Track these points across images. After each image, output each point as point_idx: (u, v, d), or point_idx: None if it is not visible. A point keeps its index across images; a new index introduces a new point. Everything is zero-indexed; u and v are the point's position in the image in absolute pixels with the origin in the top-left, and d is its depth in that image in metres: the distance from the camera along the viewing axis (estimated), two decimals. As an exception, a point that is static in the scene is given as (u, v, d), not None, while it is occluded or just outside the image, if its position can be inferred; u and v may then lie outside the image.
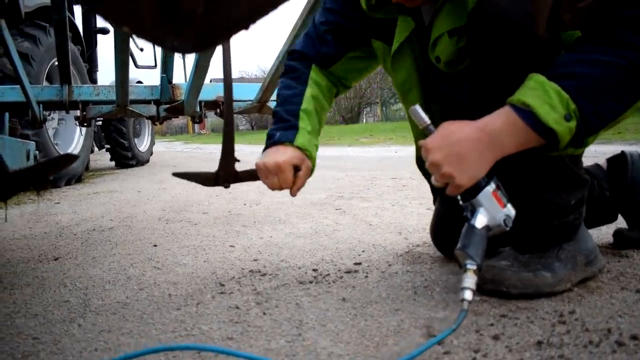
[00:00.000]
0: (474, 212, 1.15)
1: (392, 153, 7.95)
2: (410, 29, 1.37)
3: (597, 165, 1.68)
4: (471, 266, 1.09)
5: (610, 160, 1.67)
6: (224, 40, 0.60)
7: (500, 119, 1.10)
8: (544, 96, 1.06)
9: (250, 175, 1.47)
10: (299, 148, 1.47)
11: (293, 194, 1.49)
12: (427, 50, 1.34)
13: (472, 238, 1.12)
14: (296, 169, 1.45)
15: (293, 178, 1.45)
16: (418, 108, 1.18)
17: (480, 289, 1.29)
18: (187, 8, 0.52)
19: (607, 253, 1.59)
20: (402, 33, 1.39)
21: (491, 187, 1.14)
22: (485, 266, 1.29)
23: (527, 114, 1.07)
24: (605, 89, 1.07)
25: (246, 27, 0.57)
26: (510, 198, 1.17)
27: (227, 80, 1.32)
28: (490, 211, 1.14)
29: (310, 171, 1.51)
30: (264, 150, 1.51)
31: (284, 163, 1.42)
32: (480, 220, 1.14)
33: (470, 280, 1.07)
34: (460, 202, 1.18)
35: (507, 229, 1.15)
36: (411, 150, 1.67)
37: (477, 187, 1.14)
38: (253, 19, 0.56)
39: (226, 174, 1.42)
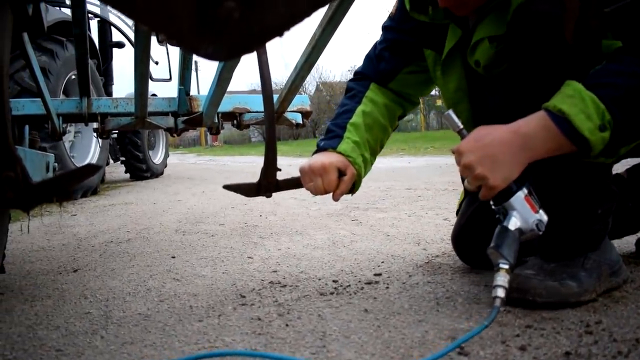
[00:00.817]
0: (506, 215, 1.16)
1: (405, 163, 7.93)
2: (458, 36, 1.37)
3: (617, 175, 1.66)
4: (504, 265, 1.10)
5: (630, 171, 1.65)
6: (258, 47, 0.60)
7: (534, 123, 1.11)
8: (581, 104, 1.07)
9: (292, 184, 1.47)
10: (341, 154, 1.46)
11: (335, 199, 1.47)
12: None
13: (505, 239, 1.13)
14: (341, 173, 1.45)
15: (337, 181, 1.45)
16: (451, 113, 1.22)
17: (506, 298, 1.28)
18: (223, 14, 0.52)
19: (630, 263, 1.57)
20: (451, 41, 1.40)
21: (523, 192, 1.15)
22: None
23: (562, 121, 1.08)
24: None
25: (280, 34, 0.57)
26: (542, 204, 1.18)
27: (267, 92, 1.32)
28: (523, 215, 1.15)
29: (357, 178, 1.49)
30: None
31: (329, 165, 1.42)
32: (514, 223, 1.15)
33: (502, 278, 1.09)
34: (493, 206, 1.18)
35: (540, 233, 1.15)
36: (423, 160, 1.66)
37: (510, 191, 1.15)
38: (287, 26, 0.56)
39: (268, 184, 1.43)
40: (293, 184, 1.48)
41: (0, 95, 1.07)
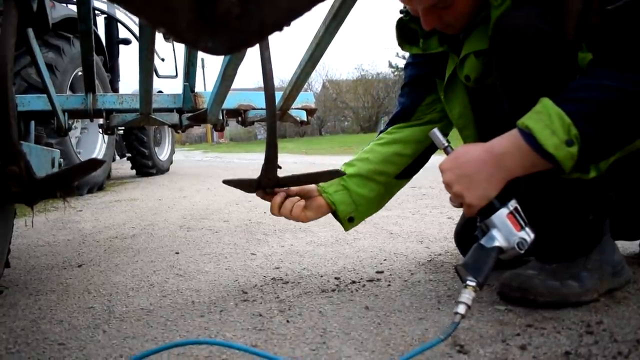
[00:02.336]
0: (486, 232, 1.15)
1: (411, 162, 7.90)
2: (456, 62, 1.38)
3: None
4: (471, 283, 1.08)
5: None
6: (257, 41, 0.60)
7: (507, 141, 1.11)
8: (547, 120, 1.06)
9: (292, 181, 1.48)
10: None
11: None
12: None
13: (477, 256, 1.13)
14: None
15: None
16: (436, 131, 1.23)
17: (507, 297, 1.28)
18: (222, 10, 0.52)
19: (633, 264, 1.57)
20: (451, 67, 1.41)
21: (507, 209, 1.13)
22: (512, 274, 1.28)
23: (529, 138, 1.07)
24: (612, 115, 1.06)
25: (280, 29, 0.57)
26: (529, 217, 1.16)
27: (269, 89, 1.32)
28: (504, 233, 1.13)
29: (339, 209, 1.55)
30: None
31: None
32: (490, 241, 1.13)
33: (467, 296, 1.06)
34: (477, 223, 1.18)
35: (521, 252, 1.13)
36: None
37: (492, 208, 1.14)
38: (287, 21, 0.57)
39: (269, 180, 1.43)
40: (294, 181, 1.48)
41: (4, 91, 1.08)
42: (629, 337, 1.06)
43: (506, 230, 1.13)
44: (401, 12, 1.42)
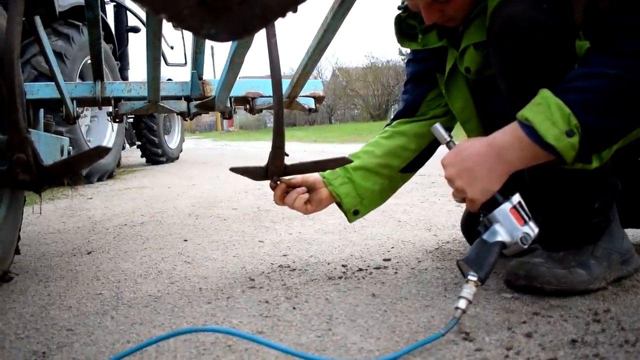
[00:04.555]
0: (489, 227, 1.14)
1: (420, 150, 7.87)
2: (456, 55, 1.37)
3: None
4: (472, 277, 1.07)
5: None
6: (260, 28, 0.60)
7: (507, 134, 1.10)
8: (547, 111, 1.04)
9: (300, 169, 1.48)
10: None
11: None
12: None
13: (479, 251, 1.12)
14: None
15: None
16: (438, 126, 1.22)
17: (513, 285, 1.28)
18: None
19: (644, 252, 1.55)
20: (451, 60, 1.40)
21: (510, 204, 1.12)
22: (519, 262, 1.27)
23: (530, 130, 1.06)
24: (612, 103, 1.04)
25: (283, 15, 0.57)
26: (534, 207, 1.15)
27: (276, 77, 1.32)
28: (507, 228, 1.12)
29: (343, 199, 1.56)
30: None
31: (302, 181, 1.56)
32: (492, 236, 1.12)
33: (468, 290, 1.06)
34: (481, 217, 1.17)
35: (525, 247, 1.12)
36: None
37: (494, 203, 1.13)
38: (290, 7, 0.56)
39: (276, 168, 1.44)
40: (301, 168, 1.48)
41: (11, 79, 1.08)
42: (636, 325, 1.05)
43: (509, 225, 1.12)
44: (399, 8, 1.41)
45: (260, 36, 1.05)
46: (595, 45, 1.07)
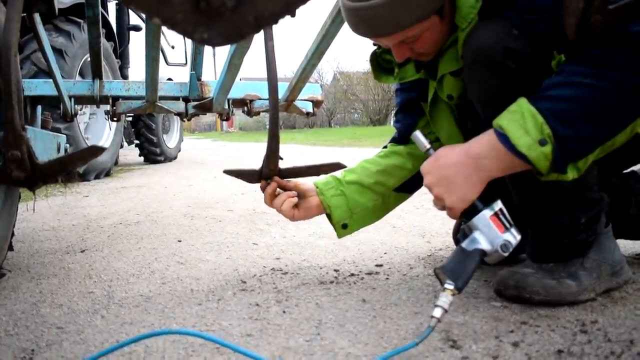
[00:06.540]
0: (468, 235, 1.13)
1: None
2: (435, 84, 1.38)
3: (634, 174, 1.60)
4: (449, 286, 1.05)
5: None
6: (253, 33, 0.60)
7: (483, 142, 1.10)
8: (520, 120, 1.04)
9: (294, 172, 1.48)
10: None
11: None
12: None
13: (457, 259, 1.10)
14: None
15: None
16: (418, 133, 1.21)
17: (503, 294, 1.28)
18: (218, 2, 0.52)
19: (634, 264, 1.56)
20: (432, 90, 1.41)
21: (490, 211, 1.11)
22: (509, 272, 1.28)
23: (504, 138, 1.06)
24: (586, 112, 1.04)
25: (275, 21, 0.57)
26: (516, 220, 1.14)
27: (272, 81, 1.33)
28: (487, 235, 1.11)
29: (332, 212, 1.56)
30: None
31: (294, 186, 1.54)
32: (471, 244, 1.12)
33: (444, 299, 1.04)
34: (461, 225, 1.17)
35: (505, 255, 1.11)
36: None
37: (474, 210, 1.12)
38: (282, 13, 0.57)
39: (270, 171, 1.44)
40: (295, 172, 1.49)
41: (8, 75, 1.09)
42: (623, 337, 1.06)
43: (489, 233, 1.11)
44: (374, 44, 1.41)
45: (260, 37, 1.06)
46: (568, 56, 1.07)
